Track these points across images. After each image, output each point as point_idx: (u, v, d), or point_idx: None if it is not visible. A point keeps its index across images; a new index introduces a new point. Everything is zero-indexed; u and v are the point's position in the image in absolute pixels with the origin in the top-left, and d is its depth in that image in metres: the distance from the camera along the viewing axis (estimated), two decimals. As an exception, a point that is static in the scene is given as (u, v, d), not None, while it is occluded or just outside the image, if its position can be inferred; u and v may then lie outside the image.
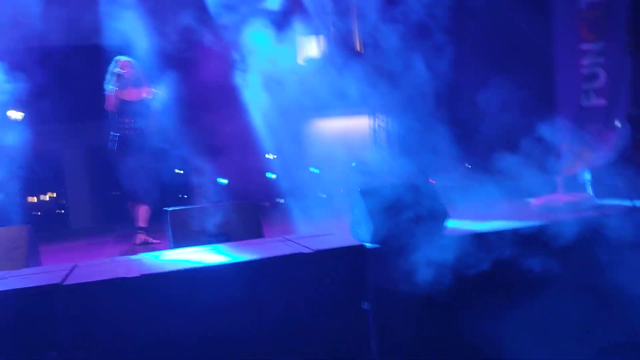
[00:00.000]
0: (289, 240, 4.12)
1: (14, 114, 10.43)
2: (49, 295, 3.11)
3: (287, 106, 10.60)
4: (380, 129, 11.02)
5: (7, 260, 4.15)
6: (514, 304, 4.06)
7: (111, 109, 6.14)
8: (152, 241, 6.22)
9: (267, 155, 12.06)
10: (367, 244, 4.09)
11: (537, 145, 5.62)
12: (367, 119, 11.19)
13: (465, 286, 3.94)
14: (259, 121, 9.96)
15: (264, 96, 9.96)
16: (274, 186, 11.76)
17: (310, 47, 12.13)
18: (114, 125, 6.17)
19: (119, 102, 6.12)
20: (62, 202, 12.36)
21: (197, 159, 11.65)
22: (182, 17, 10.35)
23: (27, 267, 4.08)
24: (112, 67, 6.28)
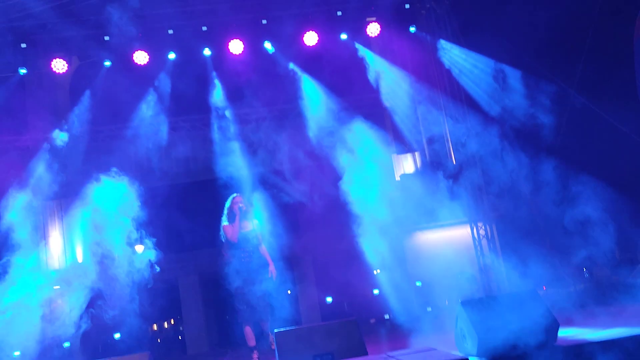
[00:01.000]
0: (391, 357, 4.12)
1: (139, 247, 11.47)
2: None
3: (389, 221, 10.82)
4: (481, 237, 10.83)
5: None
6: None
7: (233, 239, 6.76)
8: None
9: (374, 271, 12.11)
10: (471, 358, 4.00)
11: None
12: (468, 229, 11.07)
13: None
14: (362, 237, 10.19)
15: (365, 212, 10.29)
16: (380, 302, 11.67)
17: (406, 164, 12.52)
18: (229, 254, 6.79)
19: (232, 234, 6.75)
20: (180, 328, 12.97)
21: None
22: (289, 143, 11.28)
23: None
24: (228, 203, 6.98)
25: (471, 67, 10.79)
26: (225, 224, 6.87)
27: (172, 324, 13.77)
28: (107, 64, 10.29)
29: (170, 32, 10.15)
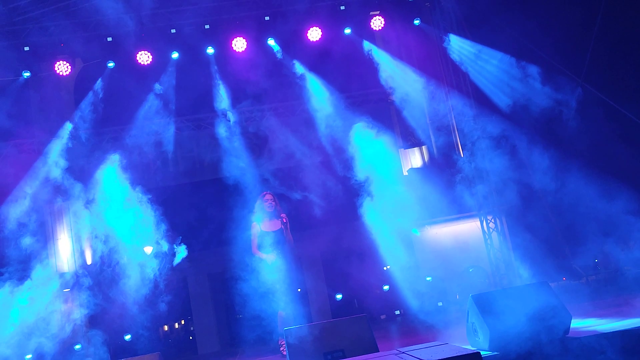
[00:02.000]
0: (403, 352, 4.07)
1: (148, 249, 11.48)
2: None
3: (398, 216, 10.75)
4: (491, 230, 10.73)
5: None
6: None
7: (262, 237, 6.76)
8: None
9: (384, 267, 12.05)
10: (484, 352, 3.93)
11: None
12: (478, 222, 10.98)
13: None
14: (373, 233, 10.14)
15: (374, 208, 10.23)
16: (390, 298, 11.61)
17: (413, 158, 12.44)
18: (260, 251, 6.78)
19: (260, 233, 6.74)
20: (191, 328, 12.96)
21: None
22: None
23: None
24: (259, 202, 6.92)
25: (477, 59, 10.69)
26: (254, 222, 6.85)
27: (183, 324, 13.76)
28: (111, 65, 10.28)
29: (172, 31, 10.13)
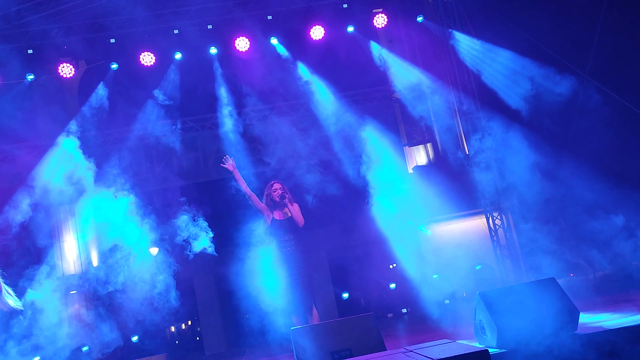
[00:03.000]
0: (410, 351, 4.04)
1: (153, 250, 11.48)
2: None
3: (404, 214, 10.71)
4: (498, 227, 10.68)
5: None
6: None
7: (271, 228, 6.42)
8: None
9: (390, 265, 12.03)
10: (491, 349, 3.90)
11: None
12: (484, 219, 10.93)
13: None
14: (379, 232, 10.11)
15: (379, 206, 10.20)
16: (397, 296, 11.59)
17: (418, 156, 12.40)
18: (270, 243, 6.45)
19: (272, 221, 6.39)
20: (197, 329, 12.97)
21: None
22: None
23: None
24: (267, 190, 6.57)
25: (481, 55, 10.63)
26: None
27: (190, 325, 13.78)
28: (114, 66, 10.29)
29: (175, 32, 10.13)
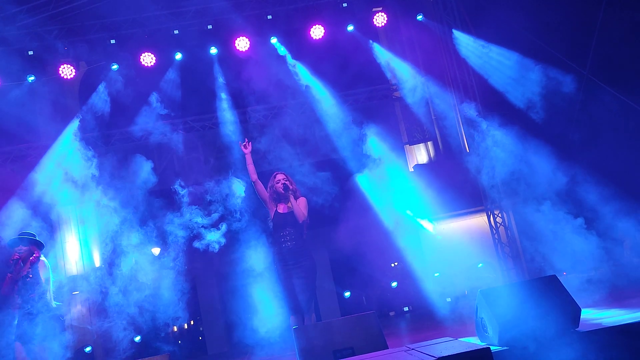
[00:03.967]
0: (412, 349, 4.05)
1: (155, 250, 11.50)
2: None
3: (405, 213, 10.73)
4: (499, 225, 10.69)
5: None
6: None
7: (274, 221, 5.93)
8: None
9: (392, 264, 12.05)
10: (493, 347, 3.91)
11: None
12: (485, 217, 10.94)
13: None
14: (381, 230, 10.12)
15: (380, 205, 10.21)
16: (399, 294, 11.61)
17: (419, 154, 12.41)
18: (272, 238, 5.95)
19: (275, 214, 5.92)
20: (200, 329, 13.00)
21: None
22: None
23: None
24: (270, 181, 6.09)
25: (481, 53, 10.63)
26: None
27: (192, 324, 13.80)
28: (115, 67, 10.30)
29: (175, 32, 10.14)
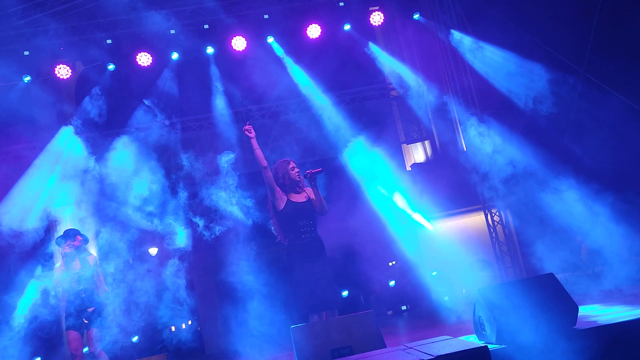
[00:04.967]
0: (410, 348, 4.05)
1: (153, 250, 11.51)
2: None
3: (403, 212, 10.72)
4: (496, 224, 10.71)
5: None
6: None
7: (283, 212, 5.45)
8: None
9: (389, 263, 12.05)
10: (491, 346, 3.91)
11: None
12: (482, 216, 10.96)
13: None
14: (378, 229, 10.11)
15: (378, 204, 10.20)
16: (396, 293, 11.61)
17: (416, 153, 12.42)
18: (285, 230, 5.47)
19: (287, 204, 5.47)
20: (198, 329, 13.00)
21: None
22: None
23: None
24: (281, 168, 5.66)
25: (478, 52, 10.64)
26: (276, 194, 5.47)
27: (190, 324, 13.79)
28: (111, 67, 10.27)
29: (172, 32, 10.12)
